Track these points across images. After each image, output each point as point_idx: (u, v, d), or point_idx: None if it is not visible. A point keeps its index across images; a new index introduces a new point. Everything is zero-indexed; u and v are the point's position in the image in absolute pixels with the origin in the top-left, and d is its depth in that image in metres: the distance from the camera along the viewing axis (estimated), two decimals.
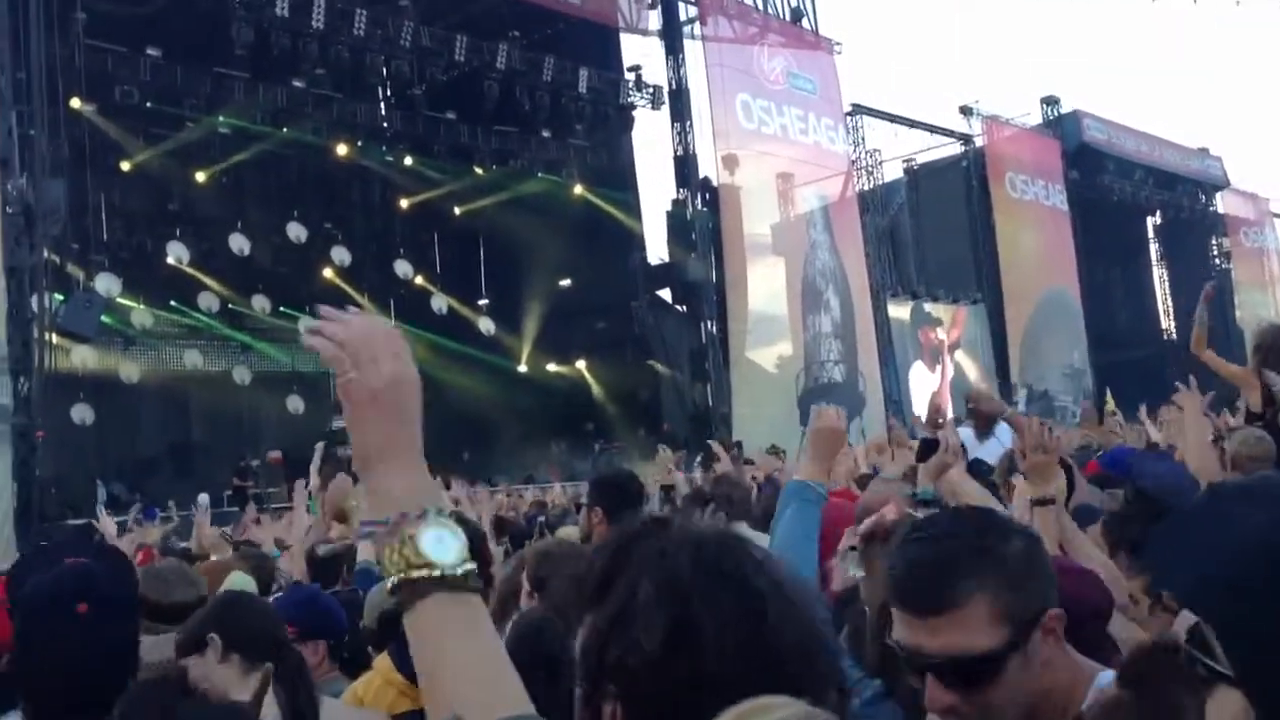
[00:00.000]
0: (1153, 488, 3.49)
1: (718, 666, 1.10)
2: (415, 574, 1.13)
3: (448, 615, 1.13)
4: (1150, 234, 36.60)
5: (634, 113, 23.63)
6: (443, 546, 1.14)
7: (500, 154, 22.11)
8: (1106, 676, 1.67)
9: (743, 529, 4.38)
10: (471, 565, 1.16)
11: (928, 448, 4.78)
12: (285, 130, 19.75)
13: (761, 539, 3.67)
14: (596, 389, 23.43)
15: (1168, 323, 35.92)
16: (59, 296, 16.31)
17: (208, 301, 19.83)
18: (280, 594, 4.00)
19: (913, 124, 29.24)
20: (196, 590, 3.07)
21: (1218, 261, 37.45)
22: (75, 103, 16.71)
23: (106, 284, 17.74)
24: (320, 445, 8.53)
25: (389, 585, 1.15)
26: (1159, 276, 36.49)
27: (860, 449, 10.28)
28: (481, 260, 23.47)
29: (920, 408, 26.32)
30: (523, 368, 23.34)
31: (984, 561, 1.61)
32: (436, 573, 1.13)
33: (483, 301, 23.32)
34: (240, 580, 3.81)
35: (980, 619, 1.57)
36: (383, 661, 3.10)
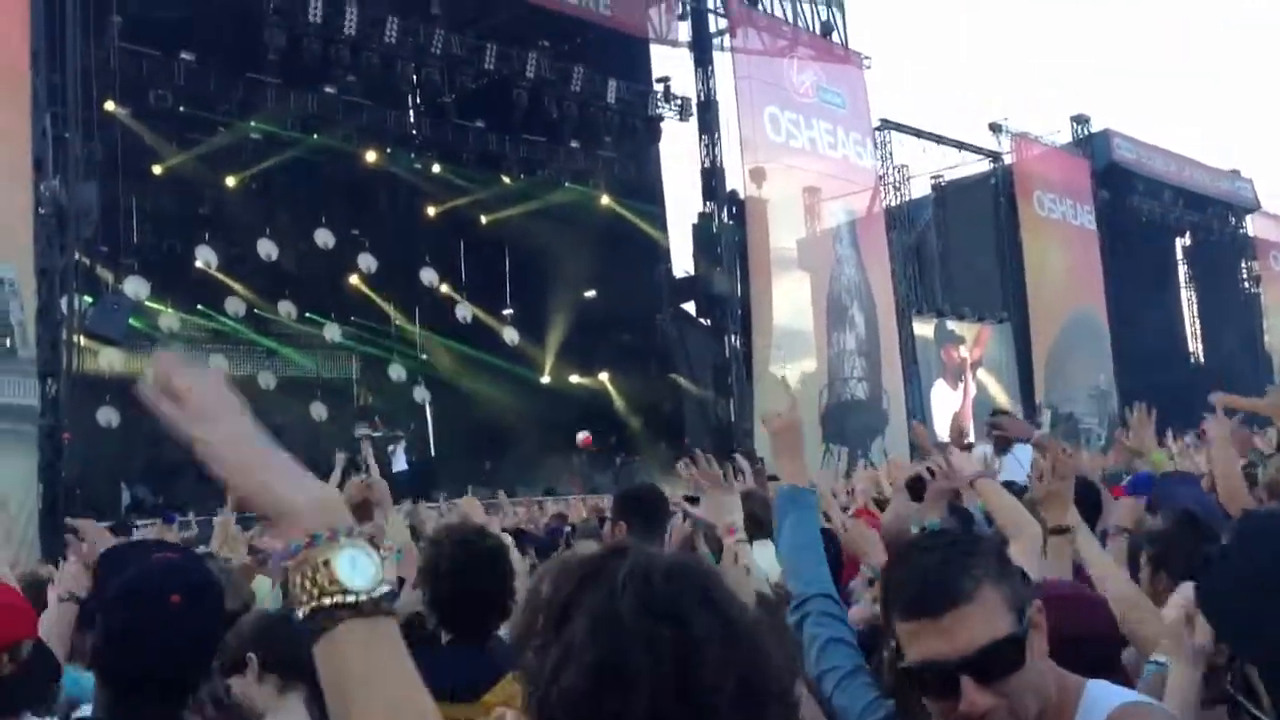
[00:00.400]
0: (1198, 512, 3.46)
1: (649, 709, 1.06)
2: (328, 600, 1.08)
3: (361, 643, 1.08)
4: (1179, 256, 36.32)
5: (662, 124, 23.62)
6: (357, 569, 1.09)
7: (528, 163, 22.15)
8: (1098, 688, 1.72)
9: (766, 548, 4.34)
10: (387, 587, 1.11)
11: (916, 485, 4.74)
12: (315, 136, 19.85)
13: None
14: (619, 401, 23.40)
15: (1195, 346, 35.61)
16: (88, 299, 16.42)
17: (234, 306, 19.95)
18: None
19: (941, 140, 29.14)
20: (241, 600, 3.07)
21: (1247, 285, 37.10)
22: (109, 106, 16.83)
23: (135, 287, 17.86)
24: (342, 456, 8.50)
25: (299, 615, 1.09)
26: (1187, 299, 36.18)
27: (882, 469, 10.22)
28: (507, 269, 23.49)
29: (942, 426, 26.24)
30: (546, 378, 23.34)
31: (978, 556, 1.69)
32: (351, 598, 1.08)
33: (507, 311, 23.34)
34: (265, 586, 3.79)
35: (993, 606, 1.64)
36: None
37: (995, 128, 30.01)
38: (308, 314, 20.79)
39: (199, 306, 19.82)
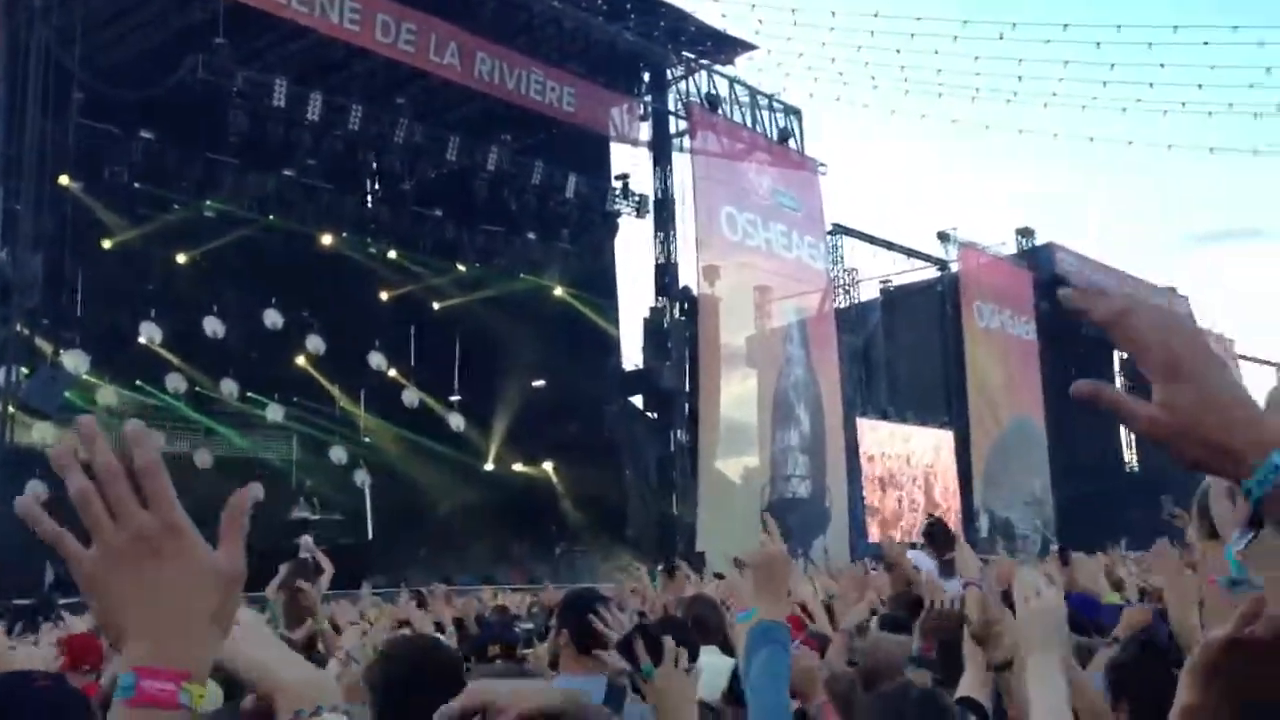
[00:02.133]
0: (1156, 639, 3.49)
1: None
2: None
3: None
4: (1117, 367, 37.10)
5: (619, 220, 23.99)
6: None
7: (484, 252, 22.29)
8: None
9: (713, 653, 4.35)
10: None
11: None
12: (271, 217, 19.88)
13: (728, 663, 3.64)
14: (562, 491, 23.30)
15: (1130, 456, 36.23)
16: (25, 370, 16.15)
17: (175, 383, 19.67)
18: None
19: (891, 246, 29.83)
20: None
21: None
22: (64, 180, 16.77)
23: (75, 361, 17.54)
24: (286, 566, 8.56)
25: None
26: None
27: (823, 576, 10.21)
28: (457, 356, 23.48)
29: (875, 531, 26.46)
30: (489, 465, 23.20)
31: None
32: None
33: (455, 398, 23.26)
34: (212, 691, 3.67)
35: None
36: None
37: (943, 236, 30.76)
38: (250, 394, 20.57)
39: (138, 382, 19.53)
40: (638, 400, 24.58)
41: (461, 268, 22.15)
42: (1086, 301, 1.00)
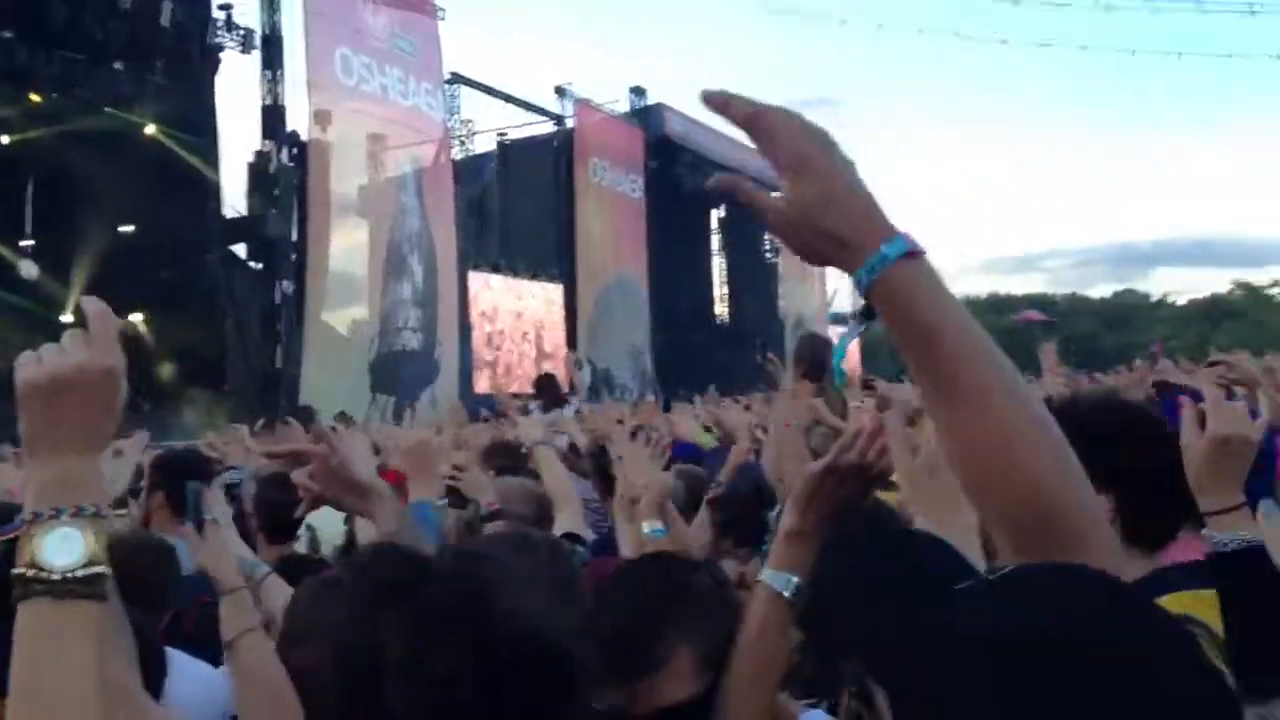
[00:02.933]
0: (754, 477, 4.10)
1: None
2: (25, 572, 1.10)
3: (47, 623, 1.09)
4: (714, 226, 39.89)
5: (221, 55, 22.24)
6: (64, 548, 1.10)
7: (62, 82, 19.87)
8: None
9: (328, 511, 4.41)
10: (96, 569, 1.11)
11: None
12: None
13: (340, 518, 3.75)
14: (154, 344, 22.05)
15: (722, 309, 39.46)
16: None
17: None
18: None
19: (509, 99, 29.84)
20: None
21: (768, 255, 41.51)
22: None
23: None
24: None
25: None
26: (719, 266, 39.90)
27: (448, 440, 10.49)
28: (30, 197, 21.14)
29: (484, 381, 27.46)
30: (67, 317, 21.37)
31: (683, 604, 1.64)
32: (45, 574, 1.09)
33: (27, 243, 21.05)
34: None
35: (684, 668, 1.60)
36: None
37: (560, 91, 31.12)
38: None
39: None
40: (240, 249, 23.45)
41: (35, 98, 19.70)
42: (723, 102, 1.08)
